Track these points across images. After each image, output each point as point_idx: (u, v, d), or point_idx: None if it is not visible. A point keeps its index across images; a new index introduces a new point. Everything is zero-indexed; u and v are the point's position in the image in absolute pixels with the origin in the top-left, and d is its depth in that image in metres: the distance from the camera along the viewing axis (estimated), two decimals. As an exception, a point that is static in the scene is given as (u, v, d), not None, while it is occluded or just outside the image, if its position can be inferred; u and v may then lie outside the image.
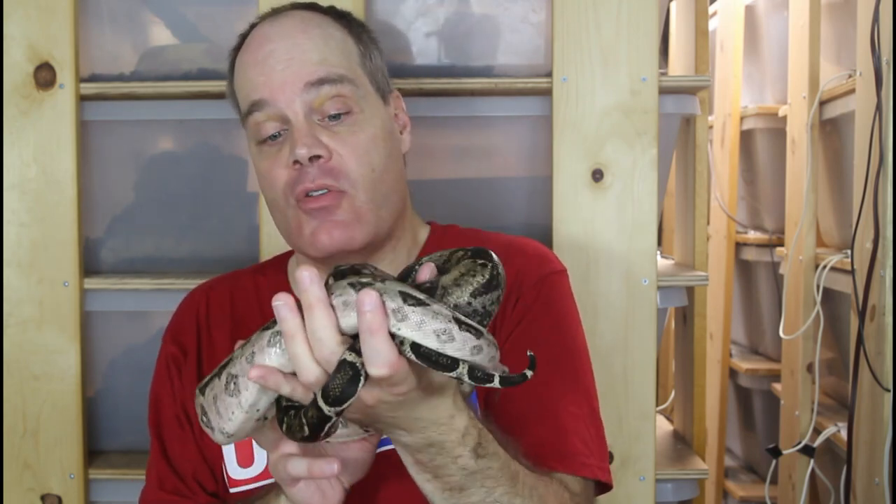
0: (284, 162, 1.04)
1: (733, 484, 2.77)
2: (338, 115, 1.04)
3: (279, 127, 1.05)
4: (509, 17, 1.60)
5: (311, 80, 1.03)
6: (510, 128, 1.62)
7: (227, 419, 0.83)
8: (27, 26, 1.54)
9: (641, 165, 1.53)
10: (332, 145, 1.03)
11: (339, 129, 1.04)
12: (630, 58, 1.53)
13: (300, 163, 1.02)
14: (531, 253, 1.12)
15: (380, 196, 1.05)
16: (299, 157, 1.01)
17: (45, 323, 1.55)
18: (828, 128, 2.19)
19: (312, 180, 1.02)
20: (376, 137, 1.06)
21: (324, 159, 1.02)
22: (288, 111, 1.03)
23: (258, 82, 1.05)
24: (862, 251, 1.86)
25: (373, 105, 1.08)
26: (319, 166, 1.02)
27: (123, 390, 1.64)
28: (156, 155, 1.69)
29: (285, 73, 1.03)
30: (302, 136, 1.02)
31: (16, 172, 1.55)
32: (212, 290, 1.17)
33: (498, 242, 1.11)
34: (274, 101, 1.03)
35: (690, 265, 1.78)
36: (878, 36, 1.77)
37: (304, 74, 1.03)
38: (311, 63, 1.04)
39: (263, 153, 1.07)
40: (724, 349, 2.75)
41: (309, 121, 1.03)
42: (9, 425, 1.55)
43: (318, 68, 1.04)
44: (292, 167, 1.03)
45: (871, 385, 1.80)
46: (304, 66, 1.04)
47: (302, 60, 1.04)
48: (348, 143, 1.04)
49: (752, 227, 2.81)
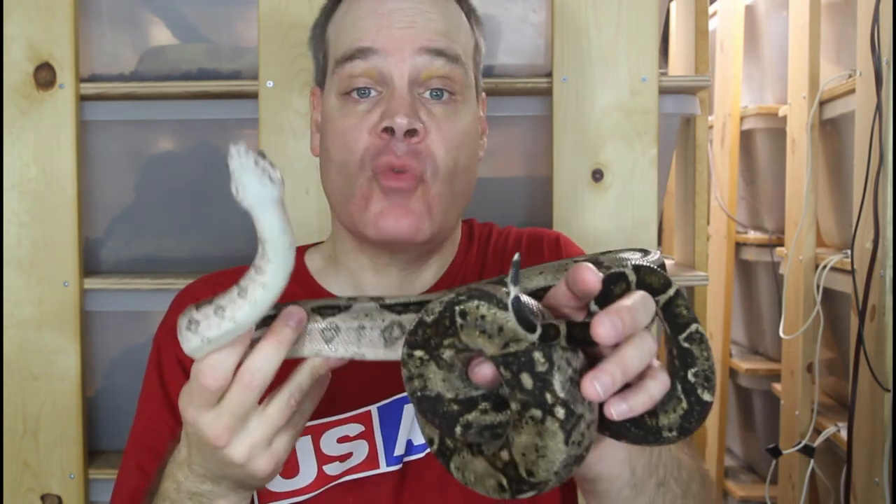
0: (371, 126, 0.94)
1: (733, 484, 2.77)
2: (440, 95, 0.96)
3: (374, 85, 0.95)
4: (509, 17, 1.60)
5: (429, 46, 0.94)
6: (510, 128, 1.62)
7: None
8: (27, 26, 1.54)
9: (641, 165, 1.53)
10: (428, 125, 0.94)
11: (437, 112, 0.95)
12: (630, 58, 1.53)
13: (393, 132, 0.92)
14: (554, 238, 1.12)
15: (453, 193, 0.97)
16: (396, 126, 0.92)
17: (45, 323, 1.55)
18: (828, 128, 2.19)
19: (399, 155, 0.92)
20: (468, 132, 0.99)
21: (417, 138, 0.93)
22: (395, 70, 0.94)
23: (372, 31, 0.95)
24: (862, 251, 1.86)
25: (472, 97, 1.01)
26: (409, 143, 0.93)
27: (123, 390, 1.64)
28: (156, 155, 1.69)
29: (404, 32, 0.94)
30: (404, 104, 0.93)
31: (16, 172, 1.55)
32: (218, 286, 1.11)
33: (520, 235, 1.11)
34: (385, 53, 0.94)
35: (690, 265, 1.78)
36: (878, 36, 1.77)
37: (423, 39, 0.94)
38: (434, 31, 0.95)
39: (347, 109, 0.96)
40: (724, 349, 2.75)
41: (412, 91, 0.95)
42: (9, 425, 1.55)
43: (440, 38, 0.95)
44: (380, 134, 0.93)
45: (871, 385, 1.80)
46: (426, 31, 0.95)
47: (425, 26, 0.95)
48: (443, 129, 0.95)
49: (752, 227, 2.81)
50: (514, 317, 0.61)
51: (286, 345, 0.72)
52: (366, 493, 0.96)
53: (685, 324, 0.66)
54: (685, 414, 0.65)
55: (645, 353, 0.62)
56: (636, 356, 0.62)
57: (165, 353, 1.02)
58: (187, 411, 0.73)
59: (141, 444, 1.01)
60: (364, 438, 0.97)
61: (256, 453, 0.73)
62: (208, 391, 0.71)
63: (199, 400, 0.72)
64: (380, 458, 0.96)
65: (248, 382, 0.71)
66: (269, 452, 0.74)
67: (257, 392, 0.71)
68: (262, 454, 0.74)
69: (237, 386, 0.71)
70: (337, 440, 0.97)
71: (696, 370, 0.65)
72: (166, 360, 1.02)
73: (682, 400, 0.65)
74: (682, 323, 0.66)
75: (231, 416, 0.72)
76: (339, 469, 0.96)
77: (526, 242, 1.11)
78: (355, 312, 0.75)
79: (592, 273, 0.63)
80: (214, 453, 0.74)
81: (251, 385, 0.71)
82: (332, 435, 0.97)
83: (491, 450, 0.68)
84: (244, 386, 0.71)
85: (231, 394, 0.71)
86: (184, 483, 0.80)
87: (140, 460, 1.00)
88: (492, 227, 1.14)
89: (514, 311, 0.61)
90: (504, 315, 0.63)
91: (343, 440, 0.97)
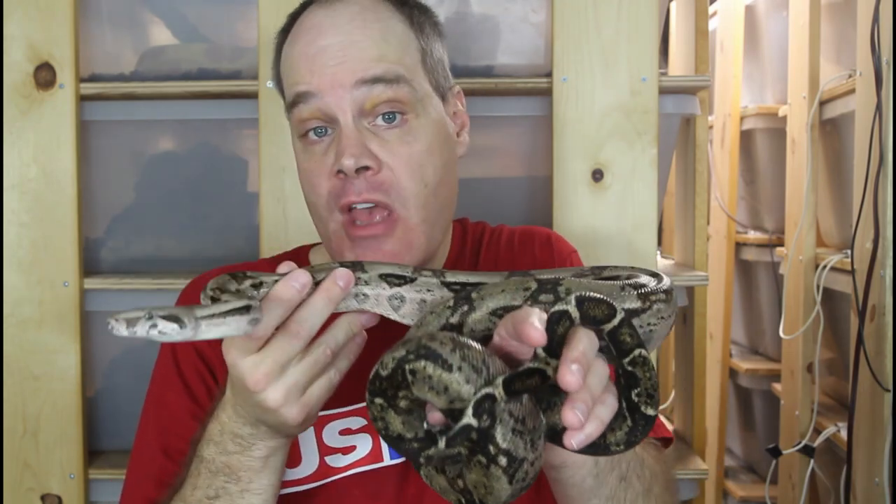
0: (329, 169, 0.95)
1: (733, 484, 2.76)
2: (390, 119, 0.95)
3: (324, 123, 0.96)
4: (509, 17, 1.60)
5: (364, 77, 0.93)
6: (510, 128, 1.62)
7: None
8: (27, 26, 1.54)
9: (641, 165, 1.53)
10: (381, 156, 0.94)
11: (390, 138, 0.95)
12: (630, 58, 1.53)
13: (345, 174, 0.93)
14: (545, 236, 1.13)
15: (433, 214, 0.97)
16: (345, 168, 0.92)
17: (45, 323, 1.55)
18: (828, 128, 2.18)
19: (358, 193, 0.93)
20: (431, 148, 0.97)
21: (372, 171, 0.93)
22: (336, 110, 0.94)
23: (306, 74, 0.95)
24: (862, 251, 1.86)
25: (430, 108, 0.99)
26: (366, 178, 0.93)
27: (123, 390, 1.64)
28: (156, 155, 1.69)
29: (336, 69, 0.94)
30: (350, 144, 0.93)
31: (16, 172, 1.55)
32: None
33: (511, 234, 1.12)
34: (321, 96, 0.94)
35: (690, 265, 1.78)
36: (878, 36, 1.77)
37: (357, 71, 0.93)
38: (367, 60, 0.94)
39: (307, 151, 0.98)
40: (724, 349, 2.75)
41: (358, 125, 0.94)
42: (9, 425, 1.55)
43: (374, 65, 0.94)
44: (336, 176, 0.94)
45: (871, 385, 1.80)
46: (359, 62, 0.94)
47: (357, 58, 0.94)
48: (400, 155, 0.94)
49: (752, 227, 2.81)
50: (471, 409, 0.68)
51: (334, 302, 0.77)
52: (370, 487, 0.97)
53: (629, 350, 0.71)
54: (630, 430, 0.73)
55: (603, 377, 0.69)
56: (598, 383, 0.69)
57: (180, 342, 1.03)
58: (229, 353, 0.77)
59: (162, 430, 1.02)
60: (367, 432, 0.98)
61: (290, 400, 0.78)
62: (252, 337, 0.76)
63: (241, 344, 0.76)
64: (383, 452, 0.98)
65: (295, 332, 0.76)
66: (301, 401, 0.78)
67: (302, 342, 0.76)
68: (295, 402, 0.78)
69: (283, 334, 0.76)
70: (339, 432, 0.99)
71: (639, 390, 0.72)
72: (181, 348, 1.03)
73: (627, 418, 0.72)
74: (626, 349, 0.71)
75: (273, 362, 0.76)
76: (342, 461, 0.98)
77: (518, 241, 1.12)
78: (419, 286, 0.83)
79: (536, 330, 0.68)
80: (251, 397, 0.78)
81: (298, 335, 0.76)
82: (334, 427, 0.99)
83: (451, 473, 0.75)
84: (290, 335, 0.76)
85: (276, 341, 0.76)
86: (227, 424, 0.84)
87: (164, 444, 1.01)
88: (484, 226, 1.15)
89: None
90: (448, 376, 0.69)
91: (345, 433, 0.99)
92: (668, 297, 0.77)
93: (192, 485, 0.87)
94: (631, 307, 0.75)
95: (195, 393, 1.02)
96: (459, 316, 0.76)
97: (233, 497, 0.85)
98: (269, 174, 1.53)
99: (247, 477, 0.85)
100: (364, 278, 0.83)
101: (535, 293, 0.75)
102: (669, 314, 0.77)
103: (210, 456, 0.86)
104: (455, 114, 1.05)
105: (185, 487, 0.88)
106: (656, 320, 0.76)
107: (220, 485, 0.85)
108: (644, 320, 0.75)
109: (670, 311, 0.77)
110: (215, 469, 0.85)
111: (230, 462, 0.85)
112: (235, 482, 0.85)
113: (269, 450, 0.84)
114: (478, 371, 0.69)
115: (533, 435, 0.70)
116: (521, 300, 0.75)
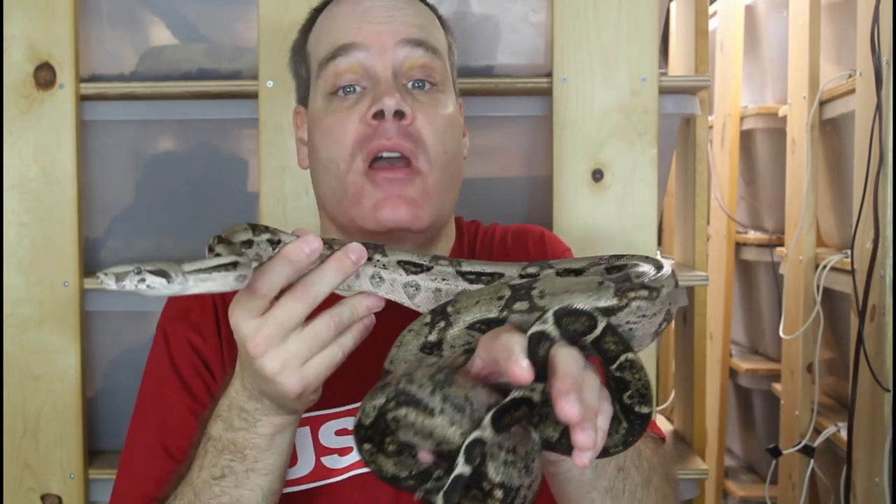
0: (359, 115, 0.96)
1: (733, 484, 2.76)
2: (422, 86, 0.99)
3: (359, 80, 0.98)
4: (509, 17, 1.60)
5: (409, 37, 0.98)
6: (510, 128, 1.62)
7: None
8: (27, 26, 1.54)
9: (641, 165, 1.53)
10: (415, 111, 0.97)
11: (423, 99, 0.98)
12: (630, 58, 1.53)
13: (383, 115, 0.94)
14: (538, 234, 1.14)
15: (447, 179, 1.00)
16: (385, 107, 0.94)
17: (45, 323, 1.55)
18: (828, 128, 2.18)
19: (389, 138, 0.95)
20: (454, 121, 1.02)
21: (407, 120, 0.95)
22: (378, 63, 0.97)
23: (352, 28, 0.98)
24: (862, 251, 1.86)
25: (451, 93, 1.04)
26: (400, 126, 0.95)
27: (123, 390, 1.64)
28: (156, 155, 1.69)
29: (383, 27, 0.98)
30: (390, 89, 0.95)
31: (16, 172, 1.55)
32: None
33: (504, 232, 1.13)
34: (366, 47, 0.97)
35: (690, 265, 1.78)
36: (878, 36, 1.77)
37: (403, 31, 0.98)
38: (412, 24, 0.99)
39: (333, 107, 0.99)
40: (724, 349, 2.75)
41: (397, 80, 0.98)
42: (9, 425, 1.55)
43: (418, 31, 0.99)
44: (369, 122, 0.95)
45: (871, 385, 1.80)
46: (405, 25, 0.98)
47: (403, 20, 0.99)
48: (430, 116, 0.98)
49: (752, 227, 2.81)
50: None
51: (343, 273, 0.77)
52: (369, 490, 0.97)
53: (615, 356, 0.70)
54: (627, 431, 0.72)
55: (596, 388, 0.68)
56: (593, 397, 0.68)
57: (173, 336, 1.04)
58: (232, 314, 0.77)
59: (161, 427, 1.01)
60: None
61: (288, 368, 0.76)
62: (255, 296, 0.75)
63: (245, 304, 0.76)
64: None
65: (300, 296, 0.75)
66: (299, 372, 0.77)
67: (306, 307, 0.75)
68: (293, 372, 0.77)
69: (288, 297, 0.75)
70: (335, 433, 0.98)
71: (631, 392, 0.71)
72: (174, 343, 1.03)
73: (623, 420, 0.72)
74: (611, 356, 0.71)
75: (275, 324, 0.75)
76: (339, 463, 0.97)
77: (511, 239, 1.13)
78: (435, 274, 0.83)
79: (522, 370, 0.66)
80: (251, 363, 0.77)
81: (303, 298, 0.75)
82: (330, 427, 0.98)
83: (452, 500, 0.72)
84: (295, 298, 0.75)
85: (281, 304, 0.75)
86: (235, 398, 0.84)
87: (163, 441, 1.00)
88: (478, 225, 1.16)
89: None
90: (432, 421, 0.67)
91: (341, 433, 0.98)
92: (651, 294, 0.73)
93: (199, 465, 0.87)
94: (606, 305, 0.72)
95: (192, 389, 1.01)
96: (437, 333, 0.75)
97: (238, 477, 0.84)
98: (269, 174, 1.53)
99: (252, 455, 0.84)
100: (383, 262, 0.83)
101: (509, 301, 0.73)
102: (655, 312, 0.74)
103: (217, 433, 0.85)
104: (461, 121, 1.09)
105: (192, 470, 0.88)
106: (636, 318, 0.73)
107: (226, 463, 0.84)
108: (621, 318, 0.72)
109: (656, 309, 0.74)
110: (221, 447, 0.85)
111: (236, 439, 0.84)
112: (241, 461, 0.84)
113: (275, 427, 0.83)
114: (461, 410, 0.67)
115: (527, 459, 0.69)
116: (497, 311, 0.73)
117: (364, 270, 0.82)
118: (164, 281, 0.71)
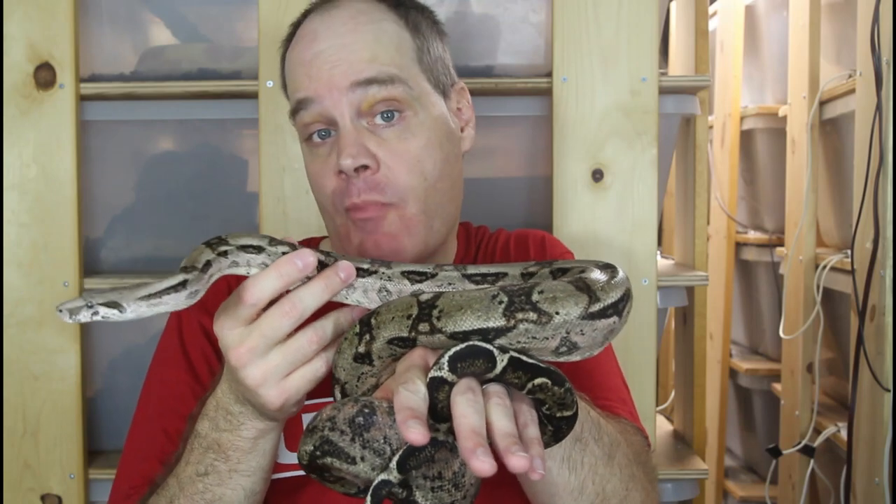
0: (332, 169, 0.98)
1: (733, 484, 2.77)
2: (389, 118, 0.98)
3: (326, 126, 1.00)
4: (509, 17, 1.60)
5: (358, 79, 0.97)
6: (510, 128, 1.62)
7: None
8: (27, 26, 1.54)
9: (641, 165, 1.53)
10: (379, 154, 0.97)
11: (388, 136, 0.98)
12: (630, 58, 1.53)
13: (345, 173, 0.96)
14: (539, 238, 1.15)
15: (433, 206, 1.00)
16: (344, 168, 0.96)
17: (45, 323, 1.55)
18: (828, 128, 2.18)
19: (358, 195, 0.97)
20: (430, 143, 1.00)
21: (370, 170, 0.97)
22: (334, 112, 0.98)
23: (304, 80, 0.99)
24: (862, 251, 1.86)
25: (429, 105, 1.02)
26: (365, 179, 0.97)
27: (123, 390, 1.64)
28: (156, 155, 1.69)
29: (332, 72, 0.97)
30: (347, 144, 0.96)
31: (16, 172, 1.55)
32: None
33: (507, 237, 1.14)
34: (320, 100, 0.98)
35: (690, 265, 1.78)
36: (878, 36, 1.77)
37: (351, 74, 0.97)
38: (360, 62, 0.98)
39: (313, 153, 1.02)
40: (724, 349, 2.75)
41: (356, 126, 0.98)
42: (9, 425, 1.55)
43: (367, 67, 0.97)
44: (339, 177, 0.98)
45: (871, 385, 1.80)
46: (353, 65, 0.97)
47: (350, 61, 0.98)
48: (398, 152, 0.98)
49: (752, 227, 2.81)
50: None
51: (331, 290, 0.78)
52: None
53: (521, 386, 0.69)
54: (554, 433, 0.72)
55: (506, 406, 0.67)
56: (506, 417, 0.67)
57: (187, 321, 1.06)
58: (217, 320, 0.78)
59: (164, 409, 1.02)
60: None
61: (269, 381, 0.78)
62: (243, 305, 0.76)
63: (231, 312, 0.77)
64: None
65: (287, 311, 0.76)
66: (280, 385, 0.78)
67: (292, 322, 0.77)
68: (274, 385, 0.78)
69: (275, 310, 0.77)
70: None
71: (548, 405, 0.70)
72: (188, 327, 1.05)
73: (548, 425, 0.72)
74: (519, 387, 0.70)
75: (260, 336, 0.76)
76: None
77: (513, 244, 1.14)
78: (440, 280, 0.84)
79: (415, 434, 0.64)
80: (234, 372, 0.79)
81: (289, 313, 0.76)
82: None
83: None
84: (282, 313, 0.76)
85: (267, 316, 0.77)
86: (221, 399, 0.85)
87: (164, 424, 1.01)
88: (485, 231, 1.18)
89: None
90: (355, 468, 0.71)
91: None
92: (540, 319, 0.68)
93: (186, 460, 0.88)
94: (495, 326, 0.68)
95: (198, 373, 1.03)
96: (365, 345, 0.75)
97: (221, 476, 0.86)
98: (269, 174, 1.53)
99: (235, 457, 0.85)
100: (388, 273, 0.83)
101: (415, 320, 0.72)
102: (547, 336, 0.69)
103: (204, 431, 0.86)
104: (459, 109, 1.08)
105: (180, 463, 0.89)
106: (527, 339, 0.68)
107: (210, 462, 0.86)
108: (511, 339, 0.68)
109: (547, 334, 0.68)
110: (206, 445, 0.86)
111: (220, 440, 0.85)
112: (224, 461, 0.85)
113: (258, 431, 0.84)
114: (381, 454, 0.71)
115: (456, 478, 0.71)
116: (406, 330, 0.72)
117: (371, 285, 0.83)
118: (116, 311, 0.74)
